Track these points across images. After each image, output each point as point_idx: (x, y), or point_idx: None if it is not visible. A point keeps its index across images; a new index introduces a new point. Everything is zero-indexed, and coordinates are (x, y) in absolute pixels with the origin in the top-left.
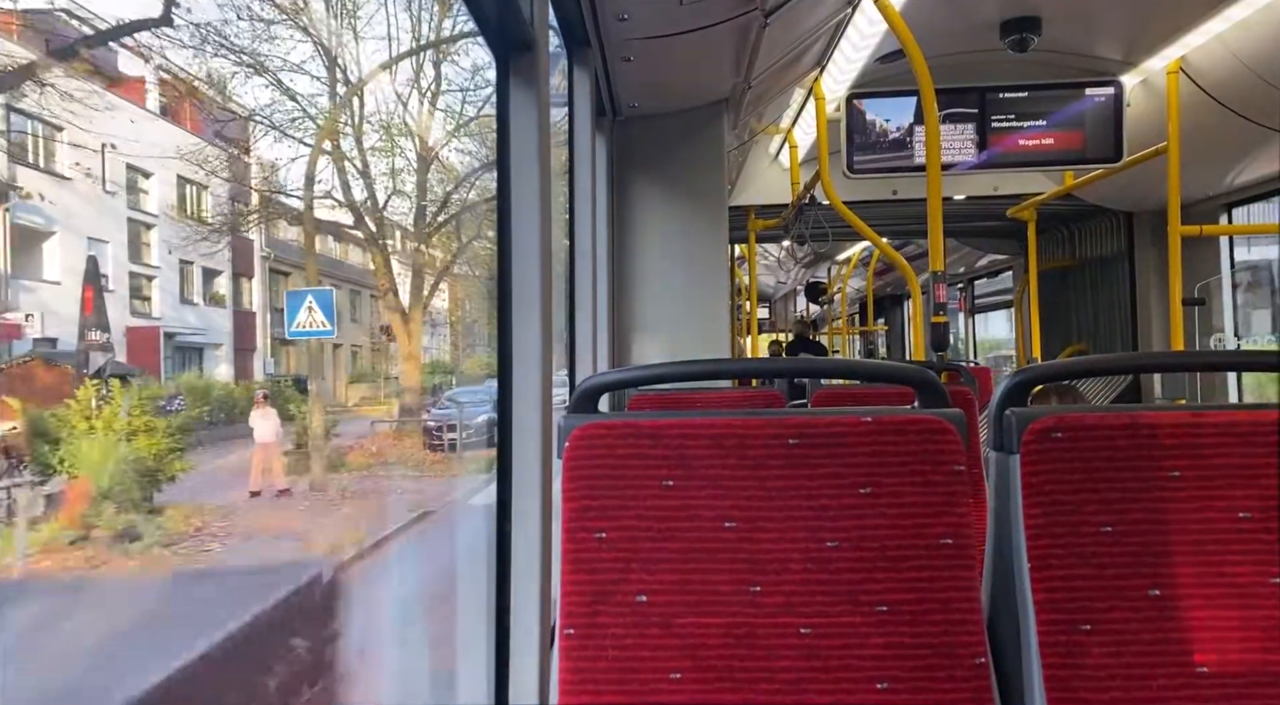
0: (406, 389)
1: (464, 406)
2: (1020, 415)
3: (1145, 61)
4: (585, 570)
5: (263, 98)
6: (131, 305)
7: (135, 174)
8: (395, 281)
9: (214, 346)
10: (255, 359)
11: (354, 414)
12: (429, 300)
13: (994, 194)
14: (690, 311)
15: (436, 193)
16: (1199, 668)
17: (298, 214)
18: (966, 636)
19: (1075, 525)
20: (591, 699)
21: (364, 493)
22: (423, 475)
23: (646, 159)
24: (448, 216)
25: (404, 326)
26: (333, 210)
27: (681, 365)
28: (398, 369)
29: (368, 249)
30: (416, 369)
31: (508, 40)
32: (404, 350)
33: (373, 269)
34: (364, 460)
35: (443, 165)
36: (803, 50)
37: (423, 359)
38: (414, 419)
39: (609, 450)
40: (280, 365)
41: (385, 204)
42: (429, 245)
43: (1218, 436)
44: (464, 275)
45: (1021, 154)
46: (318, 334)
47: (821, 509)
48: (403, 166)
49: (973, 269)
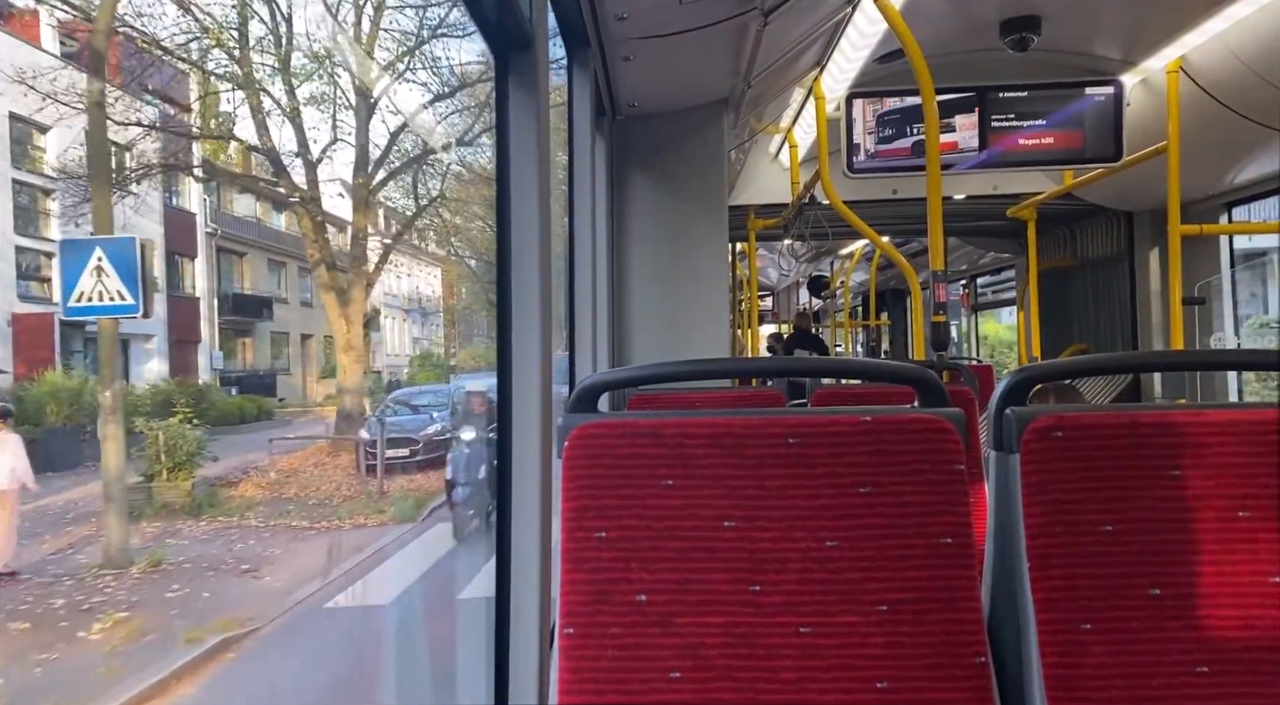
0: (345, 389)
1: (417, 412)
2: (1020, 414)
3: (1145, 61)
4: (585, 569)
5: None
6: (23, 287)
7: (24, 126)
8: (330, 251)
9: (142, 338)
10: (199, 353)
11: (318, 415)
12: (376, 275)
13: (994, 193)
14: (690, 311)
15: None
16: (1199, 667)
17: (203, 166)
18: (966, 636)
19: (1075, 524)
20: (591, 698)
21: (178, 573)
22: (324, 523)
23: (646, 159)
24: (399, 166)
25: (340, 308)
26: (254, 161)
27: (681, 365)
28: (380, 361)
29: (292, 209)
30: (358, 363)
31: (506, 40)
32: (341, 339)
33: (303, 235)
34: (251, 496)
35: (392, 104)
36: (802, 50)
37: (371, 350)
38: (355, 428)
39: (609, 449)
40: (234, 359)
41: (321, 156)
42: (372, 204)
43: (1217, 436)
44: (433, 239)
45: (1021, 153)
46: (112, 312)
47: (821, 508)
48: (337, 101)
49: (975, 266)
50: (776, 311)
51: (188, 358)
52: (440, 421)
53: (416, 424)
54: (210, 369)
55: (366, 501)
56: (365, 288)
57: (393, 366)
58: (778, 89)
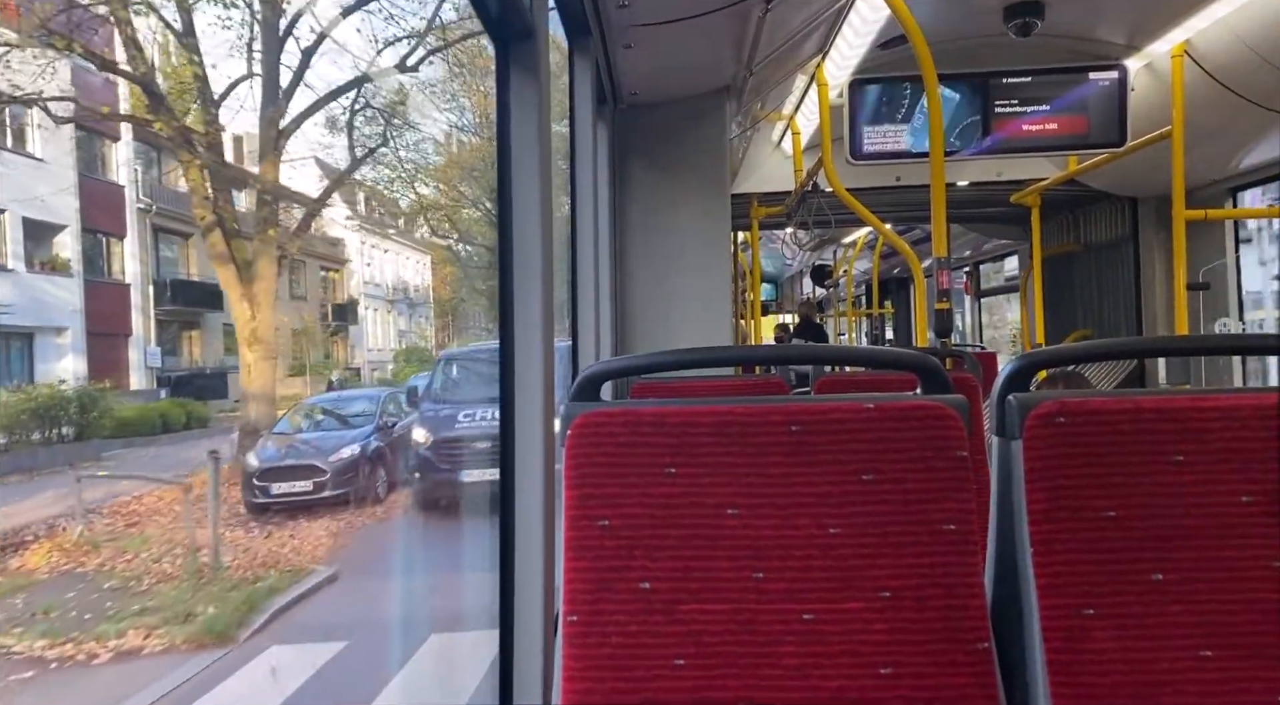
0: (251, 395)
1: (348, 424)
2: (1023, 400)
3: (1149, 45)
4: (588, 557)
5: None
6: None
7: None
8: (233, 212)
9: (51, 332)
10: (130, 348)
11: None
12: (293, 245)
13: (998, 179)
14: (693, 299)
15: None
16: (1202, 651)
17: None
18: (969, 622)
19: (1078, 510)
20: (594, 685)
21: None
22: (71, 645)
23: (648, 147)
24: (323, 97)
25: (241, 287)
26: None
27: (684, 353)
28: (360, 357)
29: (174, 153)
30: (266, 359)
31: (507, 28)
32: (244, 328)
33: (191, 189)
34: (32, 571)
35: (317, 19)
36: (805, 36)
37: (350, 345)
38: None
39: (611, 438)
40: (178, 356)
41: (227, 93)
42: (282, 149)
43: (1220, 421)
44: (402, 216)
45: (1025, 139)
46: None
47: (824, 495)
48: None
49: (979, 252)
50: (781, 302)
51: (114, 354)
52: (366, 440)
53: (331, 443)
54: (144, 367)
55: (178, 592)
56: (278, 260)
57: (375, 362)
58: (780, 76)
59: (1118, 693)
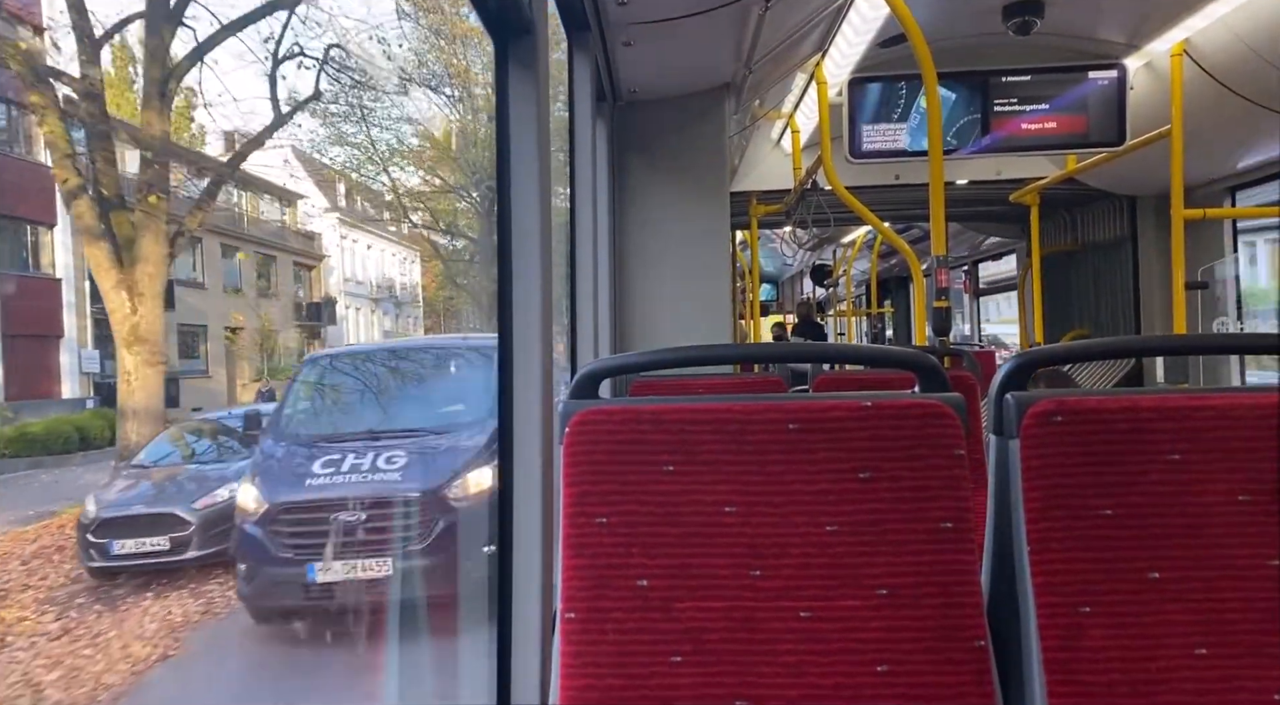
0: (130, 410)
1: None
2: (1020, 399)
3: (1149, 44)
4: (586, 555)
5: None
6: None
7: None
8: (114, 178)
9: None
10: (61, 352)
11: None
12: (195, 220)
13: (997, 178)
14: (692, 297)
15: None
16: (1198, 649)
17: None
18: (966, 619)
19: (1075, 508)
20: (592, 681)
21: None
22: None
23: (647, 145)
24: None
25: (117, 271)
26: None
27: (682, 351)
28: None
29: (26, 106)
30: (153, 366)
31: (506, 25)
32: (121, 324)
33: (50, 143)
34: None
35: None
36: (804, 34)
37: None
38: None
39: (610, 435)
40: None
41: (118, 30)
42: (170, 97)
43: (1217, 420)
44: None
45: (1024, 138)
46: None
47: (821, 493)
48: None
49: (977, 251)
50: (780, 302)
51: (40, 358)
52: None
53: (207, 482)
54: (78, 372)
55: None
56: (167, 238)
57: None
58: (780, 74)
59: (1114, 690)
